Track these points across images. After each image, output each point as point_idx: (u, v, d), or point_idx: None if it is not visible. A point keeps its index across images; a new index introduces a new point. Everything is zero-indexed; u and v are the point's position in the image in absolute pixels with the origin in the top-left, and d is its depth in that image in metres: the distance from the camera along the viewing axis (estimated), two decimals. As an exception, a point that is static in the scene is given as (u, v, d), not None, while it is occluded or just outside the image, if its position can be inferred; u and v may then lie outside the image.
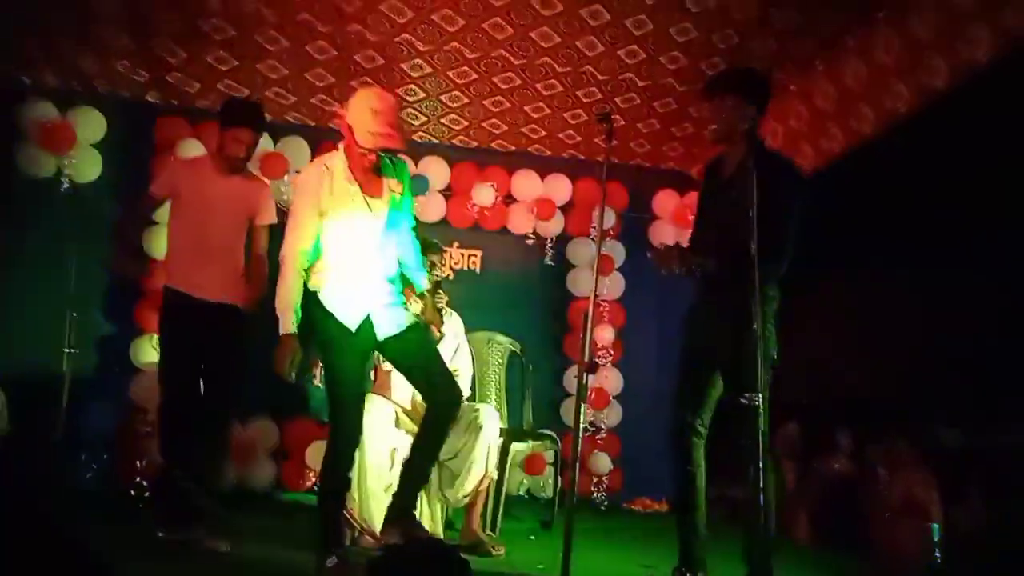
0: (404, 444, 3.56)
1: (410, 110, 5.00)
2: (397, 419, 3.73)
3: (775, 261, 2.81)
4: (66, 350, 4.48)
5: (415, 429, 3.62)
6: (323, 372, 3.37)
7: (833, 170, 4.52)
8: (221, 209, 3.52)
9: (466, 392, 3.98)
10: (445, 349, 3.91)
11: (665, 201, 5.52)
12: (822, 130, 4.51)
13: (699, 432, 3.06)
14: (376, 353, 3.32)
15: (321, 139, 5.05)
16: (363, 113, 2.91)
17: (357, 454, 3.26)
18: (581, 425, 2.72)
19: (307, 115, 5.12)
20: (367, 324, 3.02)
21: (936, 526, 3.44)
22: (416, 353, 3.14)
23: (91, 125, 4.72)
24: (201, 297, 3.47)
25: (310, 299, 2.99)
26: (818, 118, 4.54)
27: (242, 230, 3.61)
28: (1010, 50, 3.26)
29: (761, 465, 2.54)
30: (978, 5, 3.38)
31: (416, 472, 3.09)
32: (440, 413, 3.10)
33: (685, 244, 3.34)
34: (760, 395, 2.56)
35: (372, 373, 3.81)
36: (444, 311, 3.98)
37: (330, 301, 3.00)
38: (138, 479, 4.41)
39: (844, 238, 4.28)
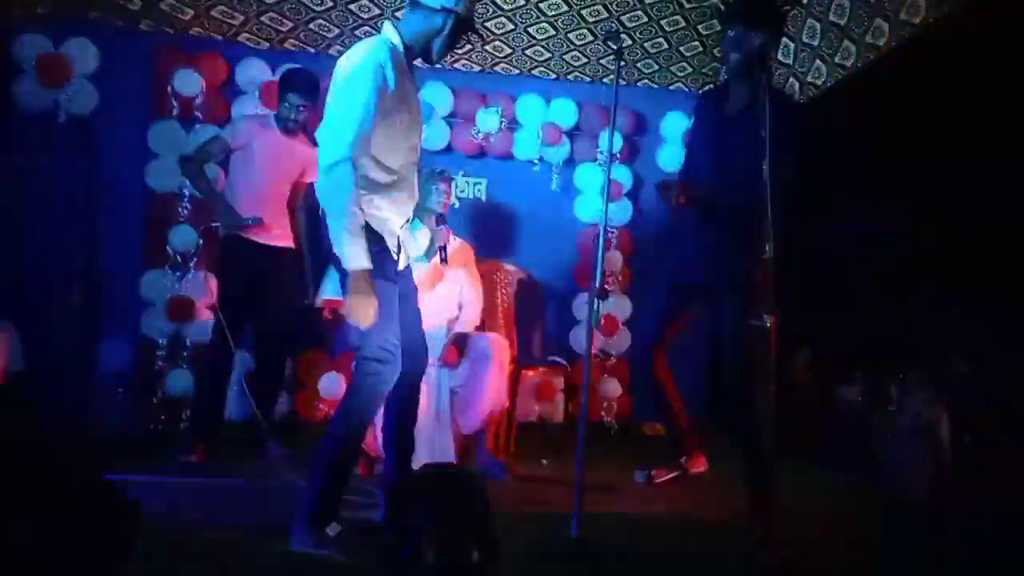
0: (433, 375, 3.60)
1: (411, 34, 4.85)
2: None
3: (781, 195, 2.83)
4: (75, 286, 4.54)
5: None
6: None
7: (842, 94, 4.39)
8: (281, 164, 3.98)
9: (476, 321, 3.99)
10: (454, 279, 3.90)
11: (674, 123, 5.41)
12: (837, 46, 4.37)
13: (664, 344, 3.51)
14: None
15: (322, 66, 4.94)
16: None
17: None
18: (592, 351, 2.71)
19: (306, 41, 4.98)
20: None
21: (945, 444, 3.47)
22: (410, 298, 2.73)
23: (85, 56, 4.61)
24: (260, 240, 3.89)
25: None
26: (831, 33, 4.40)
27: (290, 184, 4.07)
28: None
29: (769, 387, 2.56)
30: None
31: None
32: (405, 382, 2.66)
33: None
34: (770, 317, 2.56)
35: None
36: (450, 240, 3.95)
37: (377, 222, 2.53)
38: (154, 414, 4.50)
39: (859, 166, 4.20)
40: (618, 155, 5.29)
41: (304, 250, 4.13)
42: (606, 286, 5.24)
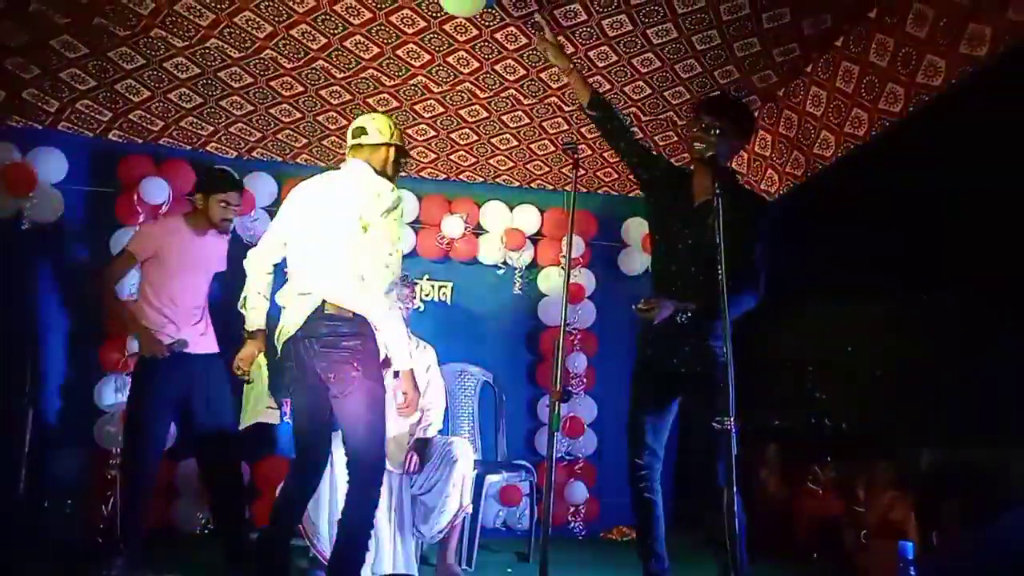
0: (394, 481, 3.55)
1: (377, 144, 5.00)
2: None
3: (751, 297, 2.87)
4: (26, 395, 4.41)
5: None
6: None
7: (802, 194, 4.58)
8: (195, 267, 3.82)
9: (438, 425, 3.96)
10: (418, 381, 3.89)
11: (633, 228, 5.57)
12: (787, 156, 4.59)
13: (657, 455, 3.07)
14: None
15: (287, 175, 5.04)
16: None
17: (326, 491, 3.25)
18: (555, 455, 2.70)
19: (273, 151, 5.10)
20: None
21: (910, 544, 3.46)
22: None
23: (53, 165, 4.66)
24: (183, 351, 3.69)
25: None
26: (782, 144, 4.62)
27: (208, 282, 3.92)
28: (968, 76, 3.34)
29: (735, 489, 2.54)
30: (931, 36, 3.48)
31: None
32: None
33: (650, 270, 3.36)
34: (732, 420, 2.57)
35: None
36: (419, 345, 3.97)
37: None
38: (102, 525, 4.33)
39: (818, 264, 4.32)
40: (580, 259, 5.41)
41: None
42: (569, 388, 5.24)
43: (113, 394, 4.55)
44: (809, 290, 4.45)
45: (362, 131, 3.15)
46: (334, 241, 2.90)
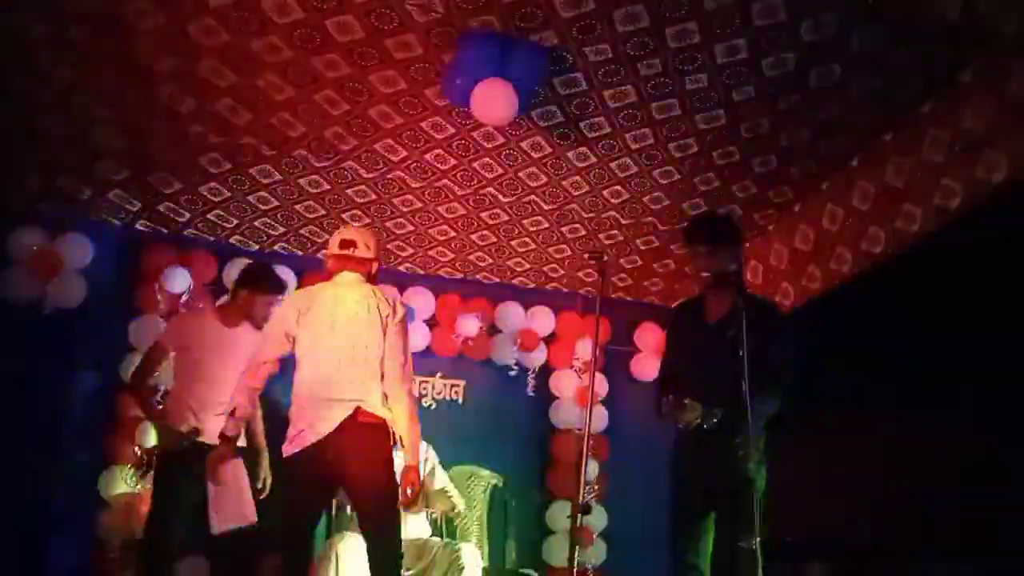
0: None
1: (398, 242, 5.10)
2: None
3: (775, 402, 2.85)
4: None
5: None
6: None
7: (813, 309, 4.61)
8: (222, 359, 3.70)
9: (461, 507, 4.01)
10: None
11: (646, 334, 5.58)
12: (801, 270, 4.65)
13: (701, 573, 2.94)
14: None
15: (307, 268, 5.10)
16: None
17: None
18: (576, 568, 2.64)
19: (295, 245, 5.18)
20: None
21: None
22: None
23: (78, 251, 4.74)
24: (208, 441, 3.51)
25: None
26: (797, 258, 4.69)
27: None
28: (983, 199, 3.41)
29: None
30: (949, 159, 3.58)
31: None
32: None
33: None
34: (757, 538, 2.52)
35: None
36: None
37: None
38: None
39: (828, 377, 4.31)
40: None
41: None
42: (587, 497, 5.11)
43: (117, 484, 4.49)
44: (825, 403, 4.42)
45: (352, 244, 3.27)
46: (363, 350, 3.06)
